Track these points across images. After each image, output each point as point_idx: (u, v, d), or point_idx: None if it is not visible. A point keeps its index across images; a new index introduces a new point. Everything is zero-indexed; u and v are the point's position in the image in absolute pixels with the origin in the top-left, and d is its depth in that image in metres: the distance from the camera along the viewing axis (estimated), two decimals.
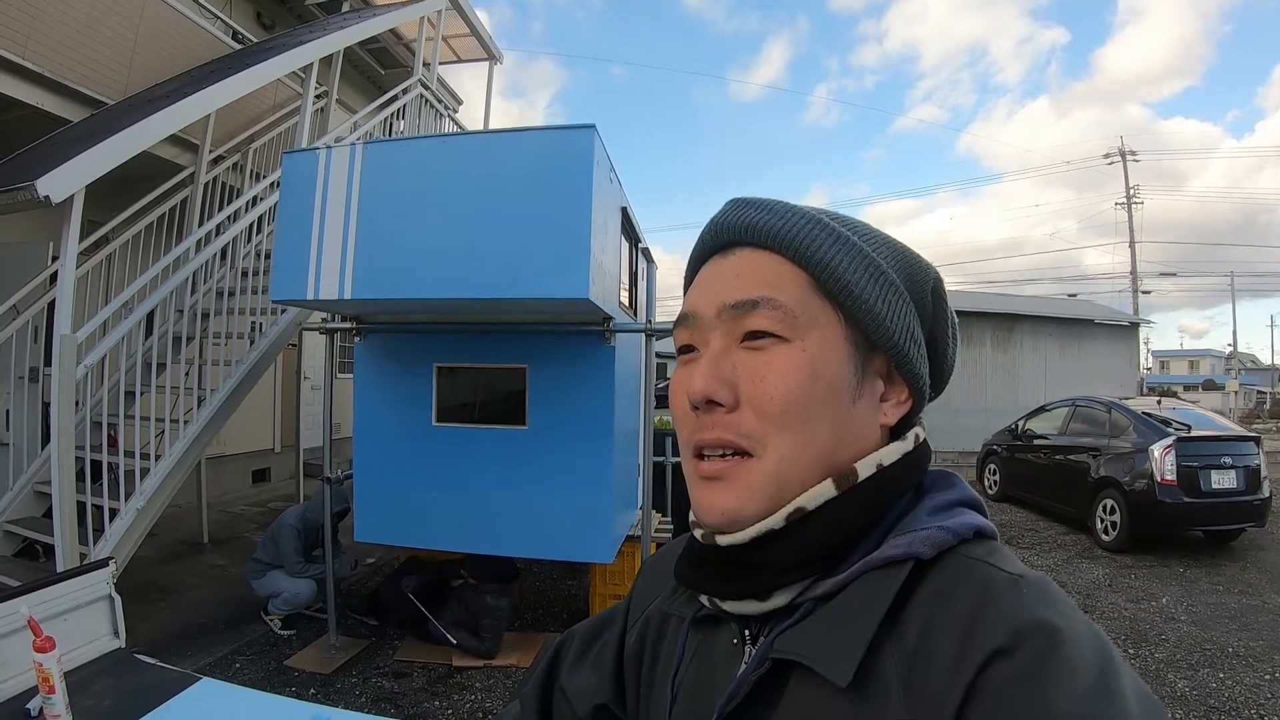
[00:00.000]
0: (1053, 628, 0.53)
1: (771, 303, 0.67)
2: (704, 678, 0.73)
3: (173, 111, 4.96)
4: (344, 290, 3.93)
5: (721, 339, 0.69)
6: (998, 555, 0.62)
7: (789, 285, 0.68)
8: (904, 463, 0.70)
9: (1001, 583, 0.57)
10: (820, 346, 0.67)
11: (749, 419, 0.67)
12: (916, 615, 0.58)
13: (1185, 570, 7.30)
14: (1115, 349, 21.02)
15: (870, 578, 0.62)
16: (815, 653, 0.61)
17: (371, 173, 3.97)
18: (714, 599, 0.72)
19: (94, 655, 2.41)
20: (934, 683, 0.54)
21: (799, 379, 0.66)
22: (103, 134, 4.55)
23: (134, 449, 4.78)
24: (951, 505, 0.67)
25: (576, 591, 6.22)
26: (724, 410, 0.67)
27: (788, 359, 0.67)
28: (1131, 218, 29.12)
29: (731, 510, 0.67)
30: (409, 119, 8.31)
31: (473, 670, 4.65)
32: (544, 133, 3.93)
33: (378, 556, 6.92)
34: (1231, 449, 8.08)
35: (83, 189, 4.26)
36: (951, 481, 0.71)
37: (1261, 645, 5.29)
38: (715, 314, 0.70)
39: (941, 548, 0.61)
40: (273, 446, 10.19)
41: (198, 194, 6.75)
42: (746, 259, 0.71)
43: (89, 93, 5.98)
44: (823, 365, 0.67)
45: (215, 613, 5.44)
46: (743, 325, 0.68)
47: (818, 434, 0.67)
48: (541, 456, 4.74)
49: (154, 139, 4.84)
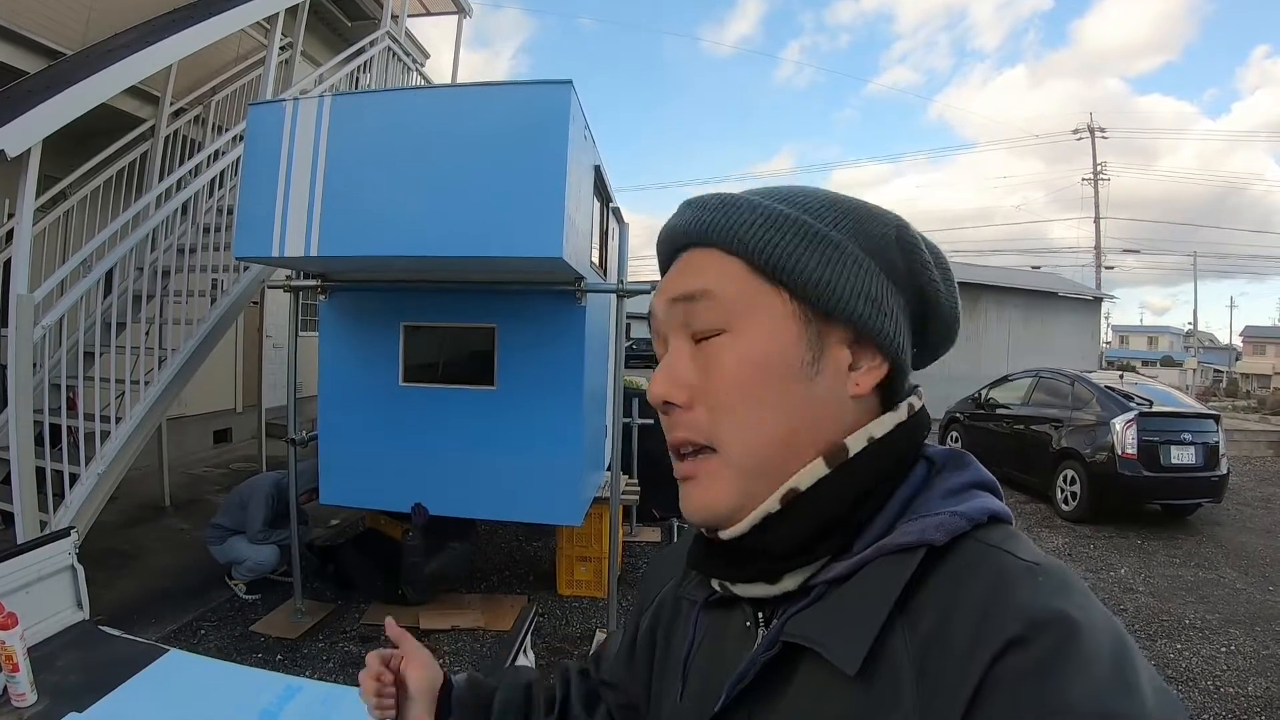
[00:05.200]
0: (1069, 619, 0.52)
1: (708, 294, 0.68)
2: (715, 660, 0.74)
3: (133, 62, 4.81)
4: (310, 247, 3.83)
5: (679, 339, 0.71)
6: (1013, 541, 0.61)
7: (727, 275, 0.69)
8: (898, 433, 0.69)
9: (1017, 570, 0.57)
10: (761, 330, 0.67)
11: (702, 415, 0.68)
12: (930, 602, 0.58)
13: (1143, 542, 7.46)
14: (1078, 322, 21.36)
15: (882, 563, 0.61)
16: (824, 638, 0.60)
17: (340, 126, 3.85)
18: (725, 583, 0.73)
19: (57, 629, 2.37)
20: (947, 671, 0.53)
21: (739, 369, 0.67)
22: (60, 85, 4.38)
23: (94, 411, 4.66)
24: (966, 488, 0.66)
25: (543, 553, 6.24)
26: (681, 410, 0.69)
27: (729, 350, 0.67)
28: (1098, 194, 29.43)
29: (705, 507, 0.69)
30: (376, 72, 8.12)
31: (440, 633, 4.64)
32: (519, 88, 3.83)
33: (342, 518, 6.86)
34: (1192, 426, 8.26)
35: (39, 143, 4.11)
36: (965, 462, 0.70)
37: (1218, 618, 5.41)
38: (665, 310, 0.72)
39: (955, 533, 0.60)
40: (234, 406, 10.01)
41: (158, 148, 6.55)
42: (691, 258, 0.72)
43: (45, 43, 5.77)
44: (766, 349, 0.67)
45: (179, 578, 5.35)
46: (690, 322, 0.70)
47: (769, 418, 0.66)
48: (510, 417, 4.72)
49: (113, 91, 4.69)
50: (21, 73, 5.54)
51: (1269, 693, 4.27)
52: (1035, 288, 20.87)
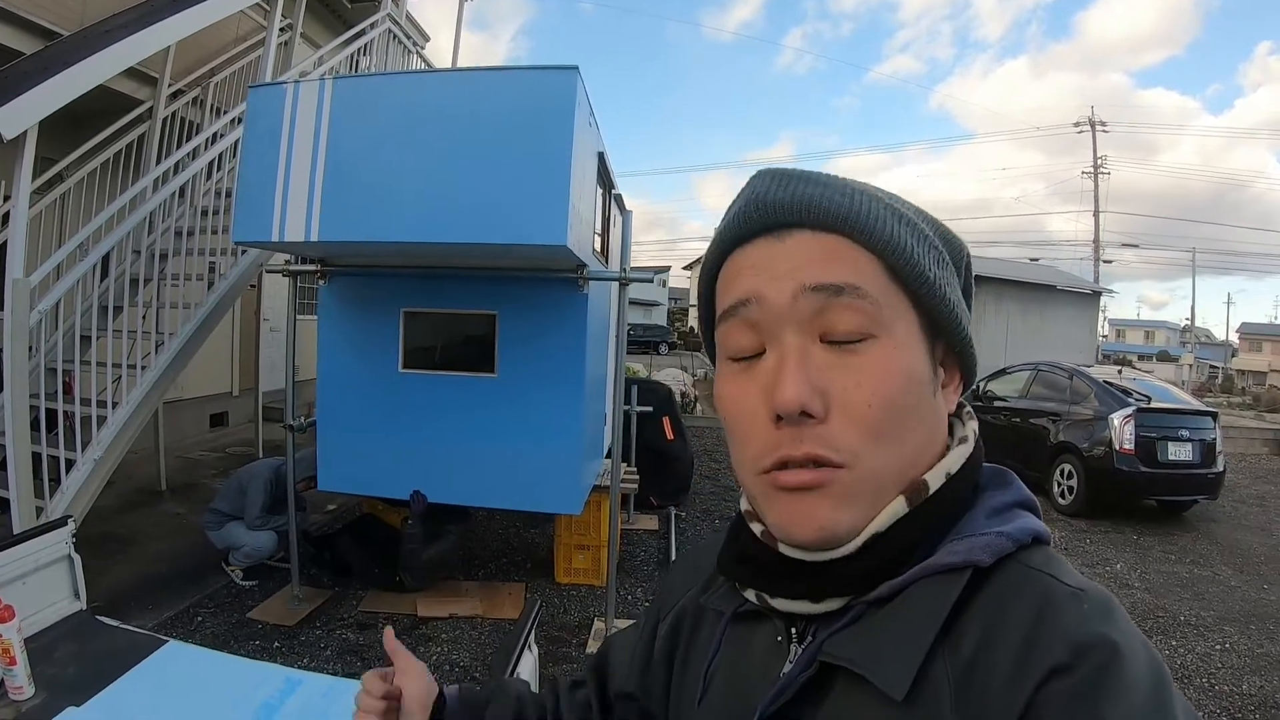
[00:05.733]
0: (1112, 645, 0.51)
1: (858, 292, 0.60)
2: (740, 672, 0.71)
3: (132, 43, 4.75)
4: (310, 232, 3.79)
5: (797, 336, 0.61)
6: (1056, 565, 0.59)
7: (868, 273, 0.61)
8: (967, 465, 0.66)
9: (1062, 596, 0.55)
10: (907, 340, 0.62)
11: (841, 431, 0.59)
12: (973, 625, 0.56)
13: (1139, 538, 7.48)
14: (1076, 316, 21.40)
15: (927, 584, 0.59)
16: (868, 661, 0.58)
17: (342, 109, 3.80)
18: (762, 594, 0.68)
19: (54, 619, 2.33)
20: (991, 696, 0.52)
21: (896, 383, 0.60)
22: (57, 66, 4.32)
23: (90, 396, 4.62)
24: (1009, 507, 0.64)
25: (539, 540, 6.21)
26: (814, 422, 0.59)
27: (882, 360, 0.60)
28: (1097, 188, 29.52)
29: (829, 527, 0.60)
30: (376, 55, 8.06)
31: (438, 621, 4.63)
32: (525, 73, 3.78)
33: (339, 504, 6.84)
34: (1189, 422, 8.29)
35: (36, 125, 4.06)
36: (1008, 480, 0.68)
37: (1212, 615, 5.42)
38: (790, 299, 0.61)
39: (1000, 555, 0.59)
40: (231, 390, 9.96)
41: (156, 130, 6.50)
42: (812, 241, 0.62)
43: (42, 23, 5.70)
44: (913, 360, 0.62)
45: (175, 564, 5.31)
46: (824, 319, 0.61)
47: (911, 439, 0.62)
48: (510, 405, 4.69)
49: (112, 72, 4.65)
50: (18, 53, 5.46)
51: (1264, 691, 4.28)
52: (1034, 280, 20.89)
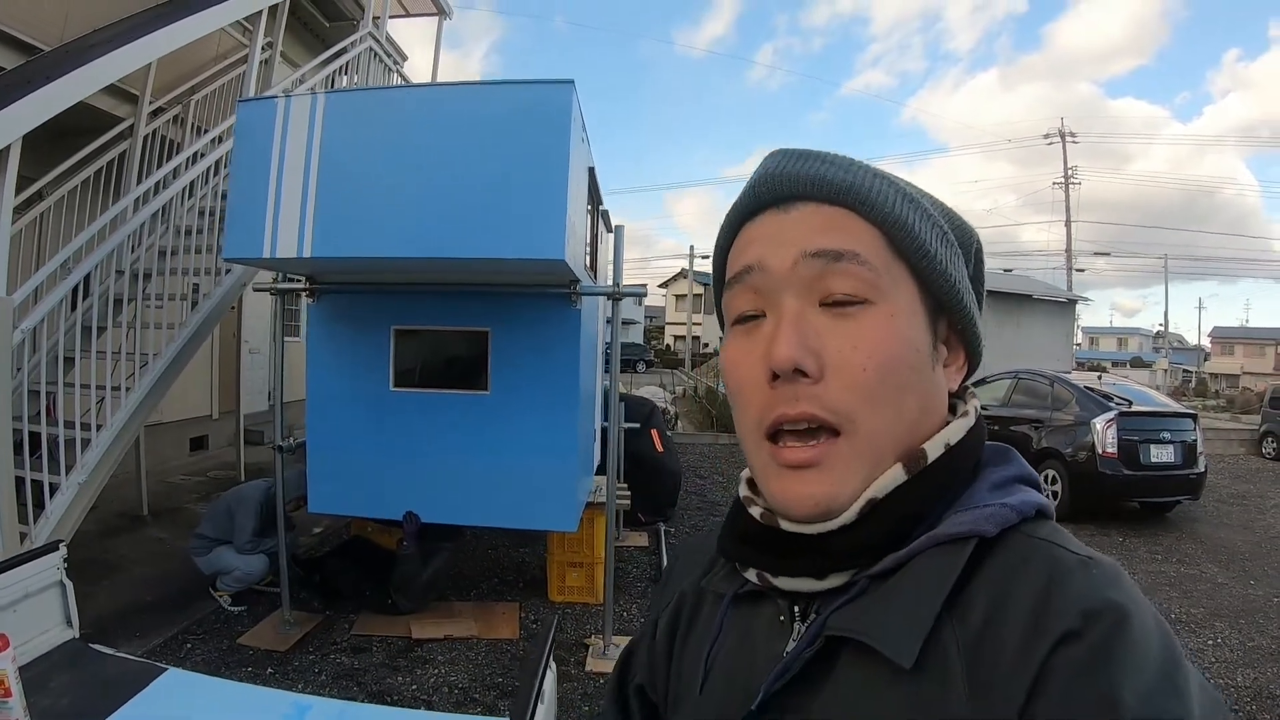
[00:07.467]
0: (1122, 609, 0.51)
1: (857, 258, 0.62)
2: (742, 653, 0.70)
3: (113, 59, 4.71)
4: (303, 248, 3.73)
5: (796, 300, 0.63)
6: (1061, 535, 0.60)
7: (869, 242, 0.63)
8: (968, 439, 0.67)
9: (1071, 564, 0.56)
10: (906, 308, 0.64)
11: (836, 392, 0.61)
12: (980, 596, 0.56)
13: (1124, 539, 7.58)
14: (1052, 324, 21.62)
15: (932, 554, 0.59)
16: (876, 631, 0.58)
17: (334, 124, 3.77)
18: (764, 574, 0.68)
19: (47, 648, 2.27)
20: (1002, 664, 0.52)
21: (893, 346, 0.62)
22: (40, 81, 4.27)
23: (73, 419, 4.54)
24: (1011, 481, 0.65)
25: (530, 559, 6.18)
26: (809, 381, 0.61)
27: (879, 324, 0.62)
28: (1069, 198, 29.90)
29: (825, 498, 0.62)
30: (358, 73, 8.02)
31: (433, 643, 4.56)
32: (520, 87, 3.77)
33: (325, 525, 6.74)
34: (1170, 425, 8.46)
35: (19, 140, 4.01)
36: (1009, 456, 0.69)
37: (1202, 612, 5.50)
38: (791, 265, 0.63)
39: (1005, 525, 0.59)
40: (210, 413, 9.78)
41: (136, 147, 6.43)
42: (816, 213, 0.65)
43: (23, 37, 5.63)
44: (910, 328, 0.64)
45: (161, 590, 5.22)
46: (823, 284, 0.63)
47: (908, 406, 0.63)
48: (503, 422, 4.65)
49: (94, 88, 4.61)
50: None
51: (1257, 683, 4.36)
52: (1010, 290, 21.06)
